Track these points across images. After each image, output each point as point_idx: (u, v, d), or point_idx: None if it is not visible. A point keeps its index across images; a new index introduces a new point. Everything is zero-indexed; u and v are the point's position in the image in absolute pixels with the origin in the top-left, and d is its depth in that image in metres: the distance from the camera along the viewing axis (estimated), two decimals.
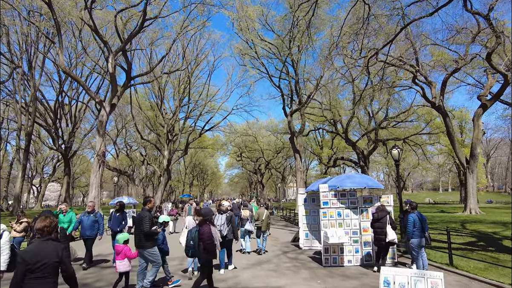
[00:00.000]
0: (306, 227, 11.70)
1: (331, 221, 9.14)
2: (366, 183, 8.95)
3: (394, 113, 37.91)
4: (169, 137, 36.17)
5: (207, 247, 5.73)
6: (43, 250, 3.31)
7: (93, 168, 24.75)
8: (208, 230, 5.85)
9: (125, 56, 25.15)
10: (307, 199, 11.76)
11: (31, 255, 3.26)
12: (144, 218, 6.23)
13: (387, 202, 9.14)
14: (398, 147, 11.44)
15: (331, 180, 9.93)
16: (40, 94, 36.71)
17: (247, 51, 30.85)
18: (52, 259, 3.30)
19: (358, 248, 9.08)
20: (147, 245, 6.25)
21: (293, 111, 32.94)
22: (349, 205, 9.20)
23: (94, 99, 25.30)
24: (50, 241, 3.43)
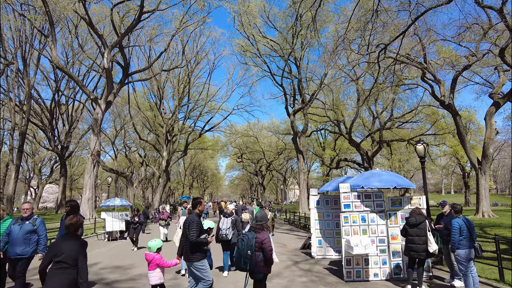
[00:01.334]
0: (319, 233, 10.18)
1: (354, 227, 7.62)
2: (395, 182, 7.46)
3: (398, 113, 36.52)
4: (168, 137, 34.68)
5: (268, 258, 4.68)
6: (65, 244, 3.84)
7: (87, 168, 23.23)
8: (268, 237, 4.79)
9: (122, 51, 23.72)
10: (319, 201, 10.25)
11: (57, 247, 3.84)
12: (192, 224, 4.98)
13: (419, 204, 7.64)
14: (423, 142, 9.95)
15: (353, 179, 8.43)
16: (36, 93, 35.27)
17: (249, 47, 29.43)
18: (72, 252, 3.79)
19: (386, 259, 7.56)
20: (194, 257, 5.01)
21: (296, 110, 31.50)
22: (375, 208, 7.69)
23: (89, 96, 23.84)
24: (73, 237, 3.97)
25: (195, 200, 5.42)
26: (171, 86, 37.05)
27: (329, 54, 26.94)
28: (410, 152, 44.35)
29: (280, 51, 30.71)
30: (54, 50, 22.10)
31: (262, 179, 51.27)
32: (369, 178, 7.80)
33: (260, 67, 31.01)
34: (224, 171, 71.53)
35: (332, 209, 10.25)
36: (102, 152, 51.23)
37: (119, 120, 43.51)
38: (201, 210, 5.34)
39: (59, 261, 3.74)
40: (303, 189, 30.90)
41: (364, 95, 33.50)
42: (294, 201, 77.08)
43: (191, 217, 5.09)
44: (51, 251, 3.83)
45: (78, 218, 4.16)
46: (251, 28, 28.13)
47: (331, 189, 9.67)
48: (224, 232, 7.94)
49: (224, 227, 7.98)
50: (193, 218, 5.05)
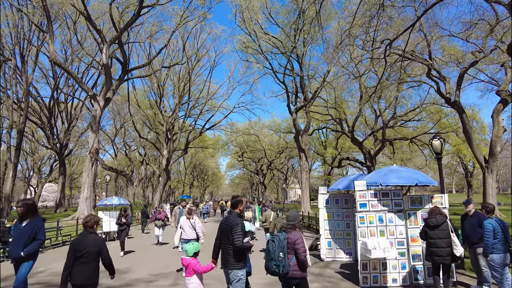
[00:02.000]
0: (328, 234, 9.49)
1: (371, 228, 6.93)
2: (416, 179, 6.77)
3: (401, 112, 35.83)
4: (168, 136, 33.96)
5: (302, 260, 4.28)
6: (86, 240, 4.16)
7: (85, 166, 22.55)
8: (301, 237, 4.39)
9: (121, 47, 23.03)
10: (329, 201, 9.56)
11: (78, 244, 4.14)
12: (235, 228, 4.32)
13: (440, 203, 6.95)
14: (440, 137, 9.25)
15: (369, 175, 7.76)
16: (35, 90, 34.57)
17: (250, 44, 28.73)
18: (93, 248, 4.13)
19: (405, 263, 6.88)
20: (238, 265, 4.36)
21: (298, 108, 30.82)
22: (393, 207, 7.00)
23: (87, 92, 23.14)
24: (92, 234, 4.31)
25: (235, 198, 4.75)
26: (171, 84, 36.35)
27: (332, 50, 26.26)
28: (412, 151, 43.70)
29: (282, 48, 30.02)
30: (52, 46, 21.40)
31: (263, 178, 50.56)
32: (387, 175, 7.10)
33: (261, 64, 30.31)
34: (224, 170, 70.97)
35: (343, 208, 9.57)
36: (102, 150, 50.57)
37: (119, 119, 42.82)
38: (242, 210, 4.73)
39: (80, 257, 4.03)
40: (305, 188, 30.24)
41: (367, 93, 32.85)
42: (294, 200, 76.41)
43: (233, 218, 4.41)
44: (74, 249, 4.07)
45: (92, 216, 4.48)
46: (252, 25, 27.44)
47: (342, 187, 8.99)
48: None
49: None
50: (236, 219, 4.38)
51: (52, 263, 9.32)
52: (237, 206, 4.60)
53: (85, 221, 4.34)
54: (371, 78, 34.96)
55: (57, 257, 10.43)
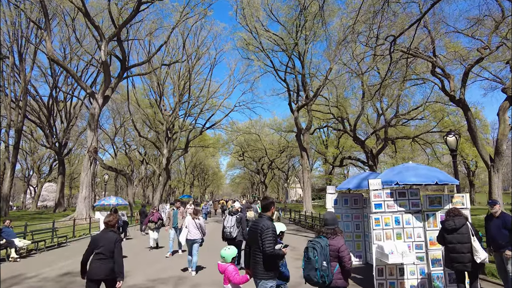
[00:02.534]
0: None
1: (387, 230, 6.35)
2: (436, 177, 6.19)
3: (403, 110, 35.26)
4: (168, 135, 33.37)
5: (348, 269, 3.88)
6: (105, 237, 4.40)
7: (83, 165, 21.99)
8: (344, 244, 3.96)
9: (120, 44, 22.45)
10: (337, 201, 8.98)
11: (97, 240, 4.41)
12: (266, 232, 3.72)
13: (462, 203, 6.39)
14: (455, 133, 8.71)
15: (384, 173, 7.18)
16: (33, 89, 34.03)
17: (251, 41, 28.16)
18: (110, 245, 4.32)
19: (424, 268, 6.31)
20: (268, 274, 3.76)
21: (299, 106, 30.24)
22: (410, 208, 6.43)
23: (85, 90, 22.57)
24: (111, 232, 4.50)
25: (266, 199, 4.14)
26: (171, 82, 35.76)
27: (335, 46, 25.72)
28: (414, 150, 43.14)
29: (283, 46, 29.46)
30: (49, 42, 20.83)
31: (264, 178, 49.97)
32: (403, 173, 6.51)
33: (262, 61, 29.72)
34: (225, 169, 70.35)
35: (352, 209, 9.00)
36: (102, 150, 50.02)
37: (119, 118, 42.25)
38: (273, 212, 4.12)
39: (98, 253, 4.28)
40: (307, 188, 29.67)
41: (369, 91, 32.29)
42: (295, 199, 75.81)
43: (263, 222, 3.83)
44: (93, 243, 4.36)
45: (114, 216, 4.72)
46: (253, 21, 26.87)
47: (352, 187, 8.40)
48: (228, 230, 7.76)
49: (228, 225, 7.81)
50: (266, 223, 3.80)
51: (44, 267, 8.74)
52: (268, 209, 4.02)
53: (108, 220, 4.59)
54: (374, 76, 34.47)
55: (52, 260, 9.87)
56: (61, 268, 8.52)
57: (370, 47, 23.10)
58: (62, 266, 8.85)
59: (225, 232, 7.78)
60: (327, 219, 4.14)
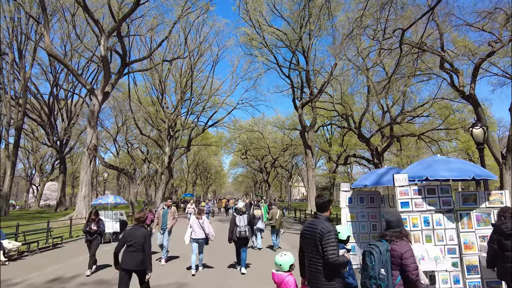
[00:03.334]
0: (352, 238, 8.07)
1: (415, 232, 5.52)
2: (472, 172, 5.35)
3: (408, 108, 34.34)
4: (170, 133, 32.60)
5: (414, 280, 3.18)
6: (136, 232, 4.81)
7: (83, 163, 21.25)
8: (410, 250, 3.29)
9: (120, 39, 21.65)
10: (352, 199, 8.14)
11: (128, 234, 4.84)
12: (327, 236, 3.12)
13: (500, 201, 5.55)
14: (483, 124, 7.86)
15: (411, 168, 6.35)
16: (34, 87, 33.34)
17: (254, 36, 27.33)
18: (140, 239, 4.73)
19: (458, 276, 5.46)
20: (329, 285, 3.13)
21: (304, 103, 29.41)
22: (441, 206, 5.59)
23: (85, 86, 21.84)
24: (141, 228, 4.95)
25: (322, 197, 3.41)
26: (173, 80, 34.99)
27: (340, 41, 24.84)
28: (419, 148, 42.22)
29: (287, 41, 28.63)
30: (47, 37, 20.07)
31: (267, 176, 49.12)
32: (433, 166, 5.68)
33: (266, 57, 28.87)
34: (227, 168, 69.49)
35: (368, 208, 8.13)
36: (104, 149, 49.34)
37: (121, 116, 41.52)
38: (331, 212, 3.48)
39: (130, 245, 4.66)
40: (311, 186, 28.82)
41: (374, 88, 31.41)
42: (298, 198, 74.96)
43: (322, 224, 3.16)
44: (124, 237, 4.76)
45: (144, 212, 5.19)
46: (257, 15, 26.03)
47: (370, 183, 7.57)
48: (242, 229, 7.75)
49: (242, 224, 7.78)
50: (326, 225, 3.16)
51: (33, 271, 7.95)
52: (326, 208, 3.34)
53: (138, 216, 5.04)
54: (379, 72, 33.59)
55: (43, 263, 9.08)
56: (50, 273, 7.74)
57: (377, 41, 22.22)
58: (52, 270, 8.07)
59: (240, 232, 7.73)
60: (391, 221, 3.47)
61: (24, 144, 47.89)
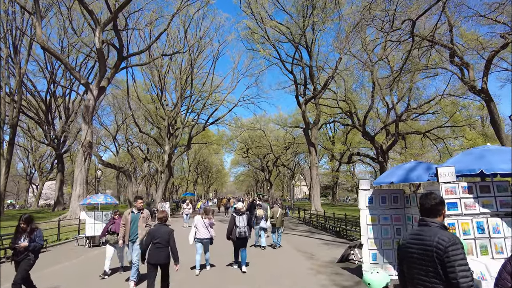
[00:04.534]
0: (373, 244, 6.85)
1: (468, 240, 4.29)
2: None
3: (414, 105, 33.05)
4: (170, 130, 31.40)
5: None
6: (160, 230, 5.32)
7: (77, 161, 20.08)
8: None
9: (117, 32, 20.45)
10: (373, 199, 6.92)
11: (154, 232, 5.31)
12: (452, 251, 2.01)
13: None
14: None
15: (456, 159, 5.09)
16: (31, 84, 32.16)
17: (256, 29, 26.11)
18: (165, 236, 5.24)
19: None
20: None
21: (307, 99, 28.18)
22: (499, 208, 4.37)
23: (79, 80, 20.65)
24: (164, 226, 5.44)
25: (431, 198, 2.35)
26: (173, 77, 33.79)
27: (347, 32, 23.60)
28: (423, 146, 40.91)
29: (289, 36, 27.40)
30: (39, 28, 18.88)
31: (269, 175, 47.86)
32: (487, 158, 4.44)
33: (268, 51, 27.60)
34: (229, 167, 68.16)
35: (391, 209, 6.93)
36: (104, 147, 48.20)
37: (120, 114, 40.35)
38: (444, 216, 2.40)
39: (156, 242, 5.20)
40: (315, 185, 27.57)
41: (378, 85, 30.18)
42: (300, 197, 73.68)
43: (440, 234, 2.12)
44: (150, 235, 5.33)
45: (166, 213, 5.77)
46: (259, 8, 24.79)
47: (397, 180, 6.33)
48: (242, 229, 7.63)
49: (241, 225, 7.66)
50: (446, 236, 2.09)
51: None
52: (438, 212, 2.28)
53: (161, 216, 5.53)
54: (384, 67, 32.37)
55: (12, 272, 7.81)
56: None
57: (384, 32, 20.98)
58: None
59: (240, 232, 7.57)
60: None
61: (23, 143, 46.83)
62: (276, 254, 9.70)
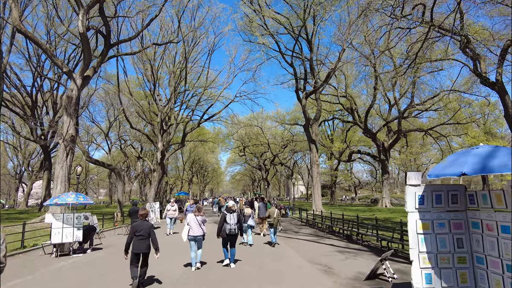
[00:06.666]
0: (427, 261, 4.84)
1: None
2: None
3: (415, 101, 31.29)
4: (163, 127, 29.26)
5: None
6: (143, 225, 6.00)
7: (58, 156, 17.90)
8: None
9: (103, 16, 18.19)
10: (425, 198, 4.94)
11: (137, 227, 5.96)
12: None
13: None
14: None
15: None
16: (16, 77, 29.79)
17: (254, 17, 24.14)
18: (146, 229, 5.96)
19: None
20: None
21: (308, 93, 26.25)
22: None
23: (61, 68, 18.46)
24: (145, 221, 6.15)
25: None
26: (167, 72, 31.63)
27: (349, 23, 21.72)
28: (424, 145, 39.24)
29: (289, 27, 25.47)
30: (15, 10, 16.64)
31: (266, 174, 45.79)
32: None
33: (267, 45, 25.63)
34: (225, 166, 65.78)
35: (448, 211, 4.96)
36: (96, 145, 45.84)
37: (113, 110, 38.14)
38: None
39: (139, 235, 5.86)
40: (316, 184, 25.60)
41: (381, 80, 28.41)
42: (297, 197, 71.79)
43: None
44: (133, 229, 5.92)
45: (146, 210, 6.48)
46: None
47: (470, 170, 4.29)
48: (233, 227, 7.66)
49: (232, 222, 7.70)
50: None
51: None
52: None
53: (142, 213, 6.26)
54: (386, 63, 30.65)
55: None
56: None
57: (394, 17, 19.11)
58: None
59: (230, 229, 7.65)
60: None
61: (12, 140, 44.33)
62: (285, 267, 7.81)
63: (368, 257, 8.75)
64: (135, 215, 12.59)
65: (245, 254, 9.18)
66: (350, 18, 24.27)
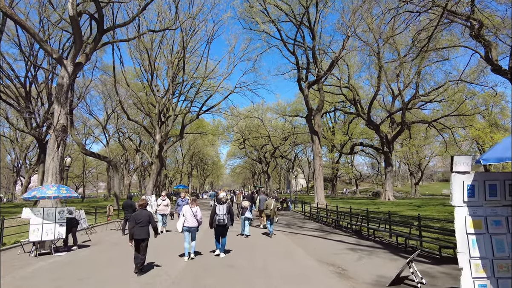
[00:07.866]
0: (480, 268, 3.78)
1: None
2: None
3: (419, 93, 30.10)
4: (161, 118, 28.13)
5: None
6: (142, 213, 6.49)
7: (48, 147, 16.80)
8: None
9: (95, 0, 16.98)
10: (475, 188, 3.86)
11: (137, 215, 6.43)
12: None
13: None
14: None
15: None
16: (9, 67, 28.54)
17: (255, 2, 22.85)
18: (146, 218, 6.45)
19: None
20: None
21: (311, 83, 25.07)
22: None
23: (51, 54, 17.21)
24: (144, 210, 6.67)
25: None
26: (165, 62, 30.34)
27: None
28: (428, 137, 38.11)
29: (291, 14, 24.21)
30: None
31: (267, 167, 44.73)
32: None
33: (268, 33, 24.36)
34: (225, 159, 64.61)
35: (506, 206, 3.89)
36: (95, 139, 44.66)
37: (110, 102, 36.88)
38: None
39: (139, 222, 6.34)
40: (318, 176, 24.59)
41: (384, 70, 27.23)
42: (298, 190, 70.86)
43: None
44: (135, 218, 6.39)
45: (145, 200, 7.03)
46: None
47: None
48: (222, 217, 7.83)
49: (221, 213, 7.87)
50: None
51: None
52: None
53: (141, 203, 6.81)
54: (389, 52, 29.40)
55: None
56: None
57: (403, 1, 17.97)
58: None
59: (219, 220, 7.79)
60: None
61: (9, 133, 43.16)
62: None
63: (384, 256, 7.73)
64: (128, 209, 11.55)
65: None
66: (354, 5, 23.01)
